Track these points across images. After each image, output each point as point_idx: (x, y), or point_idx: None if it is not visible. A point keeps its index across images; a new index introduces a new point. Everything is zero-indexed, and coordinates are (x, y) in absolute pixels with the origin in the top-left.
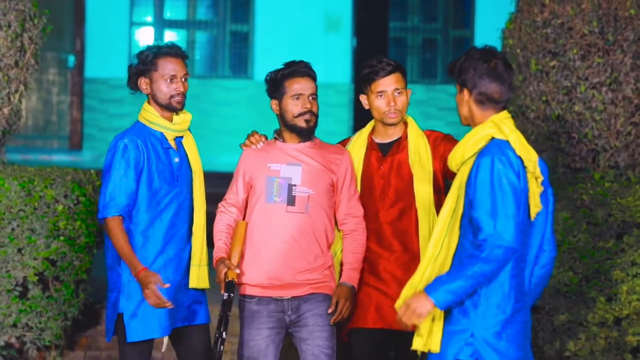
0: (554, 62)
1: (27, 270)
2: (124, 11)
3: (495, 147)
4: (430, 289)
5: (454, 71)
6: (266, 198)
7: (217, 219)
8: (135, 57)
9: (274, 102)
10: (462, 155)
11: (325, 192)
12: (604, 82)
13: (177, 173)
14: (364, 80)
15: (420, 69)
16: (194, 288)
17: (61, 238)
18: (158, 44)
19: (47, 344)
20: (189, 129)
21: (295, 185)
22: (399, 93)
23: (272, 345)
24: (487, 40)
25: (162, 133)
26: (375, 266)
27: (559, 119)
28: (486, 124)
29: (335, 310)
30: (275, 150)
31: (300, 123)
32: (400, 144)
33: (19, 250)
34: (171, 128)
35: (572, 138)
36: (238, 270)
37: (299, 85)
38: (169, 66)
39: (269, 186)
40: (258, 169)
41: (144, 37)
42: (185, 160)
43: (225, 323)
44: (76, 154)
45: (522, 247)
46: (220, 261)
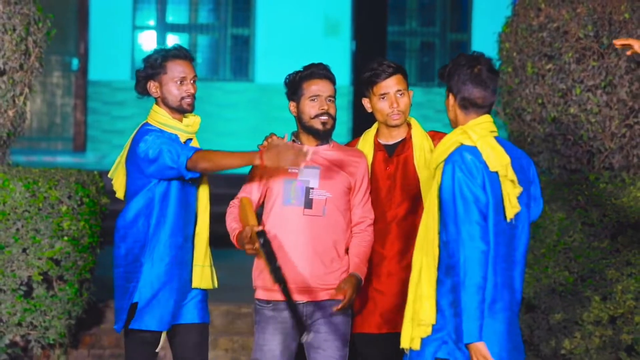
0: (549, 65)
1: (31, 270)
2: (126, 15)
3: (457, 155)
4: (462, 337)
5: (444, 76)
6: (283, 200)
7: (228, 213)
8: (143, 61)
9: (292, 104)
10: (436, 160)
11: (342, 195)
12: (599, 85)
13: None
14: (366, 83)
15: (418, 72)
16: (196, 288)
17: (65, 238)
18: (165, 47)
19: (51, 342)
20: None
21: (312, 189)
22: (401, 94)
23: (286, 352)
24: (484, 43)
25: (176, 135)
26: (379, 268)
27: (554, 121)
28: (456, 131)
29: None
30: None
31: (317, 125)
32: (405, 145)
33: (24, 250)
34: (183, 129)
35: (567, 140)
36: (261, 227)
37: (317, 87)
38: (178, 68)
39: (286, 189)
40: (275, 172)
41: (147, 40)
42: None
43: (273, 255)
44: (80, 155)
45: (505, 247)
46: (240, 234)
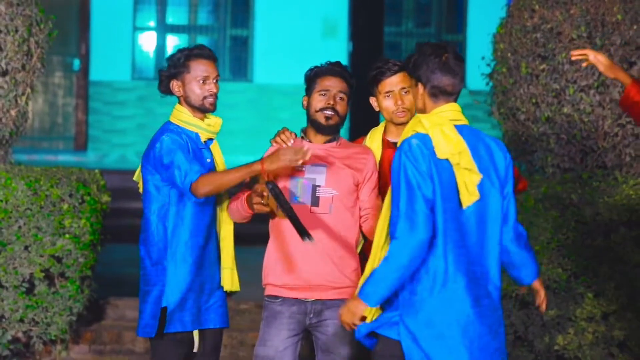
0: (543, 66)
1: (33, 267)
2: (127, 16)
3: (405, 142)
4: (360, 291)
5: (409, 67)
6: (290, 199)
7: (231, 200)
8: (166, 60)
9: (305, 98)
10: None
11: (350, 192)
12: (592, 85)
13: None
14: (372, 82)
15: None
16: (223, 291)
17: (66, 236)
18: (188, 46)
19: (52, 338)
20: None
21: (319, 186)
22: (406, 92)
23: (290, 349)
24: (479, 44)
25: (197, 133)
26: None
27: (548, 121)
28: (413, 119)
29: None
30: None
31: (320, 118)
32: None
33: (26, 247)
34: (205, 128)
35: (561, 139)
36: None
37: (328, 82)
38: (200, 67)
39: (292, 187)
40: (282, 171)
41: (147, 41)
42: (213, 163)
43: (282, 197)
44: (81, 154)
45: (457, 233)
46: (250, 196)
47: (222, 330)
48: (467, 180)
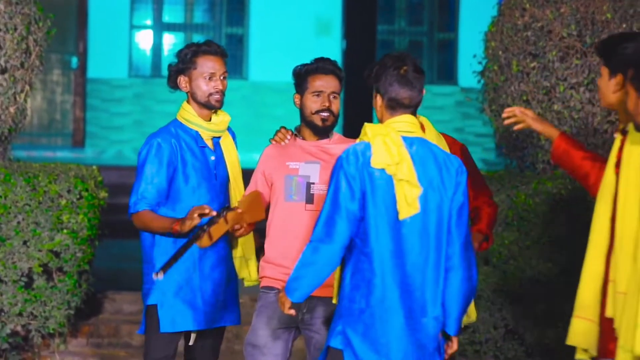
0: (534, 64)
1: (32, 262)
2: (124, 15)
3: (347, 150)
4: (286, 284)
5: (370, 78)
6: (285, 197)
7: None
8: (175, 55)
9: (297, 97)
10: None
11: None
12: (582, 83)
13: (215, 172)
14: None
15: None
16: (236, 286)
17: (64, 231)
18: (198, 42)
19: (51, 331)
20: (230, 130)
21: (313, 184)
22: None
23: (281, 339)
24: (470, 42)
25: (197, 132)
26: None
27: None
28: (363, 128)
29: None
30: (294, 148)
31: (317, 121)
32: None
33: (25, 242)
34: (207, 127)
35: None
36: (241, 210)
37: (321, 82)
38: (208, 64)
39: (287, 185)
40: (277, 168)
41: (144, 39)
42: (222, 159)
43: (210, 223)
44: (79, 151)
45: (394, 243)
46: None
47: (224, 328)
48: (407, 193)
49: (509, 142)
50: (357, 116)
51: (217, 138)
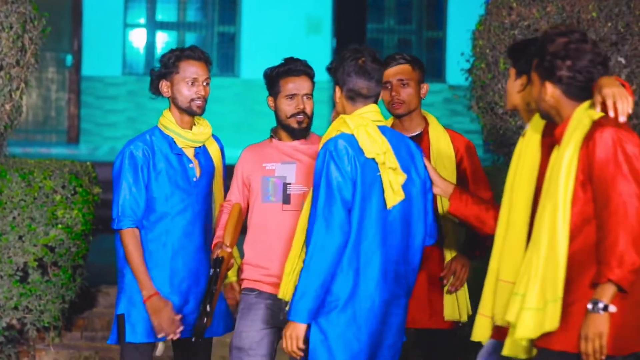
0: None
1: (27, 256)
2: (118, 13)
3: (331, 142)
4: (289, 313)
5: (330, 71)
6: (262, 198)
7: (218, 217)
8: (158, 60)
9: (270, 99)
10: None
11: None
12: None
13: (195, 180)
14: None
15: None
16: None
17: (59, 226)
18: (181, 47)
19: (46, 325)
20: (216, 138)
21: (290, 184)
22: (404, 84)
23: (265, 340)
24: (458, 40)
25: (172, 138)
26: None
27: None
28: (338, 120)
29: None
30: (270, 149)
31: (293, 124)
32: (420, 139)
33: (20, 237)
34: (184, 136)
35: None
36: (229, 249)
37: (293, 85)
38: (190, 69)
39: (264, 186)
40: (254, 170)
41: (137, 38)
42: (207, 168)
43: (210, 297)
44: (73, 147)
45: (379, 232)
46: (216, 245)
47: (209, 339)
48: (392, 180)
49: (496, 138)
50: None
51: (199, 149)
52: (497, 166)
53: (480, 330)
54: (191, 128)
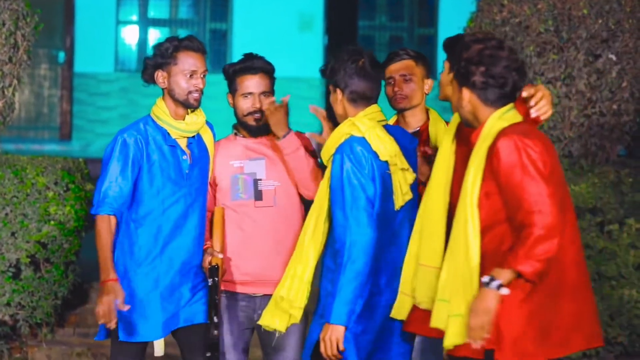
0: None
1: (20, 253)
2: (110, 10)
3: (346, 145)
4: (328, 315)
5: (326, 73)
6: (231, 196)
7: (208, 219)
8: (153, 48)
9: (229, 96)
10: (327, 152)
11: (293, 181)
12: (559, 77)
13: (188, 172)
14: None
15: None
16: (194, 287)
17: (52, 222)
18: (178, 36)
19: (38, 321)
20: (210, 125)
21: (260, 180)
22: (406, 80)
23: (240, 342)
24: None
25: (166, 129)
26: None
27: None
28: (346, 122)
29: None
30: (235, 146)
31: (250, 121)
32: (420, 135)
33: (13, 234)
34: (177, 127)
35: None
36: (221, 255)
37: (249, 83)
38: (189, 61)
39: (233, 184)
40: (221, 168)
41: (129, 35)
42: (200, 160)
43: (216, 307)
44: (66, 144)
45: (388, 231)
46: (205, 251)
47: (205, 325)
48: (402, 181)
49: None
50: None
51: (192, 138)
52: None
53: (401, 309)
54: (184, 118)
